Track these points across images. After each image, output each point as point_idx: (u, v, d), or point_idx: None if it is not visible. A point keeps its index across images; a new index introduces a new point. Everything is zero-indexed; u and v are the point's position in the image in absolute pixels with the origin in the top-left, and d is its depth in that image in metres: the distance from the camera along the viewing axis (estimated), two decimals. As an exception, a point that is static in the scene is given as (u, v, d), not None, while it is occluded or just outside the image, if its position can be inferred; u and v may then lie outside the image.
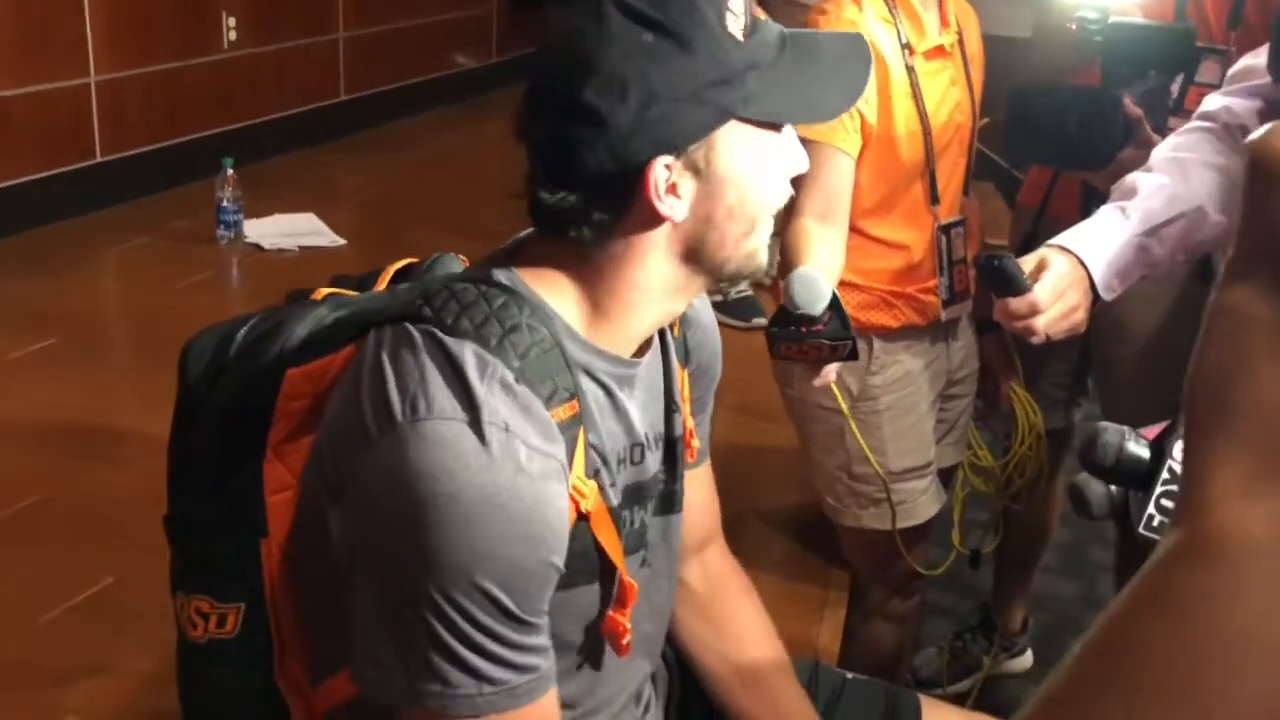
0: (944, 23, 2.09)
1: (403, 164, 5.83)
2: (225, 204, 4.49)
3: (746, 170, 1.15)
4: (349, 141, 5.98)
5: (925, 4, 2.05)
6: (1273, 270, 0.42)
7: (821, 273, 1.72)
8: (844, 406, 2.12)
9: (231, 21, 5.37)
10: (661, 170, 1.10)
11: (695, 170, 1.12)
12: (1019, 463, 2.41)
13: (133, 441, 2.99)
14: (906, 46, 2.02)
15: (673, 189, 1.12)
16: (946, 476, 2.38)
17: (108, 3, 4.76)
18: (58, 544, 2.68)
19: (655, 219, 1.13)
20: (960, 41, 2.11)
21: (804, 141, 1.22)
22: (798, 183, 1.24)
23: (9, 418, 3.20)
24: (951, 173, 2.13)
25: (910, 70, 2.02)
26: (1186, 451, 0.44)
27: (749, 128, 1.14)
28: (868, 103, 1.97)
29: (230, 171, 4.47)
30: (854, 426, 2.15)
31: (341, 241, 4.61)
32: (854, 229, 2.06)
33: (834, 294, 1.72)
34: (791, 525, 2.86)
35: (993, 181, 3.16)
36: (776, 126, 1.17)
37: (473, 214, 4.82)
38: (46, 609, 2.44)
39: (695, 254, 1.17)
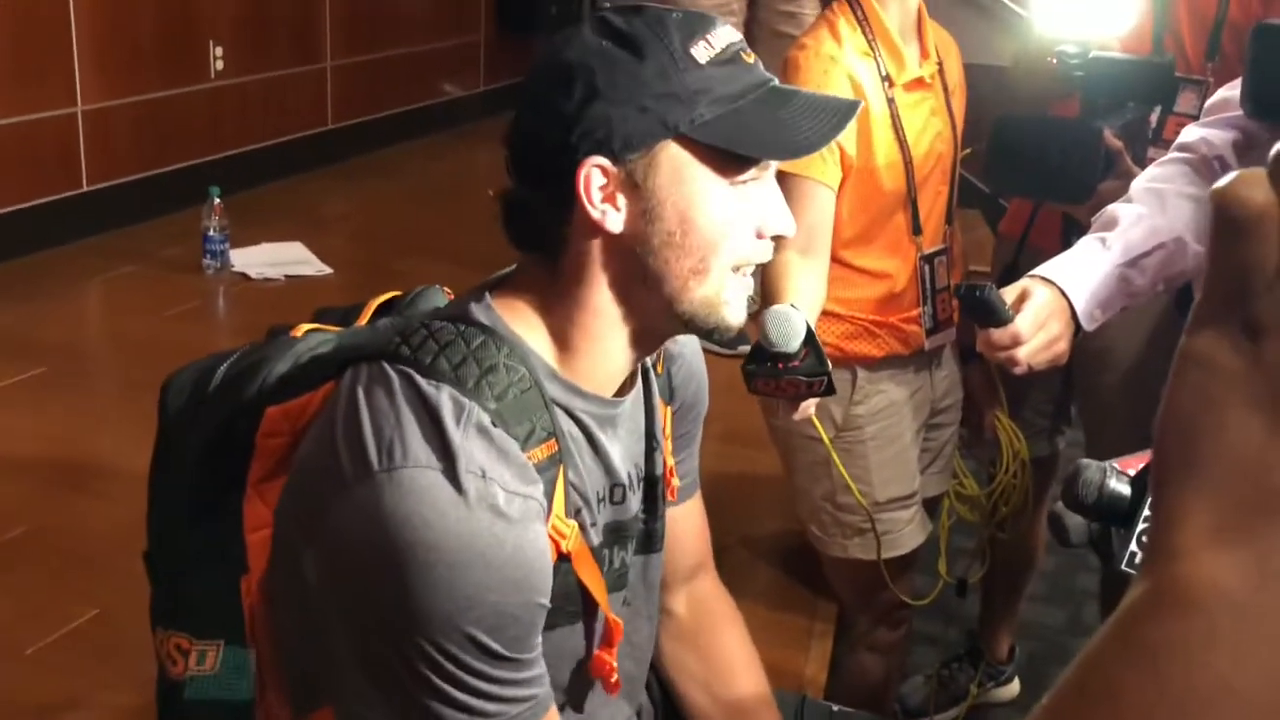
0: (924, 54, 2.10)
1: (390, 192, 5.84)
2: (212, 233, 4.49)
3: (690, 199, 1.12)
4: (337, 170, 5.99)
5: (905, 36, 2.07)
6: (1239, 318, 0.42)
7: (797, 310, 1.73)
8: (826, 438, 2.13)
9: (219, 51, 5.39)
10: (596, 172, 1.11)
11: (634, 184, 1.11)
12: (1004, 491, 2.41)
13: (118, 473, 2.98)
14: (886, 79, 2.03)
15: (611, 198, 1.12)
16: (932, 506, 2.38)
17: (95, 32, 4.77)
18: (43, 575, 2.67)
19: (594, 227, 1.13)
20: (941, 72, 2.13)
21: (784, 175, 1.21)
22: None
23: (-4, 448, 3.19)
24: (934, 202, 2.14)
25: (890, 102, 2.03)
26: (1155, 498, 0.45)
27: (698, 160, 1.12)
28: (847, 134, 1.98)
29: (217, 200, 4.47)
30: (837, 458, 2.15)
31: (328, 270, 4.60)
32: (836, 259, 2.06)
33: (809, 330, 1.73)
34: (778, 555, 2.85)
35: (978, 209, 3.19)
36: (737, 169, 1.14)
37: (461, 242, 4.82)
38: (31, 641, 2.43)
39: (639, 280, 1.15)
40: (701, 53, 1.12)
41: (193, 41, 5.27)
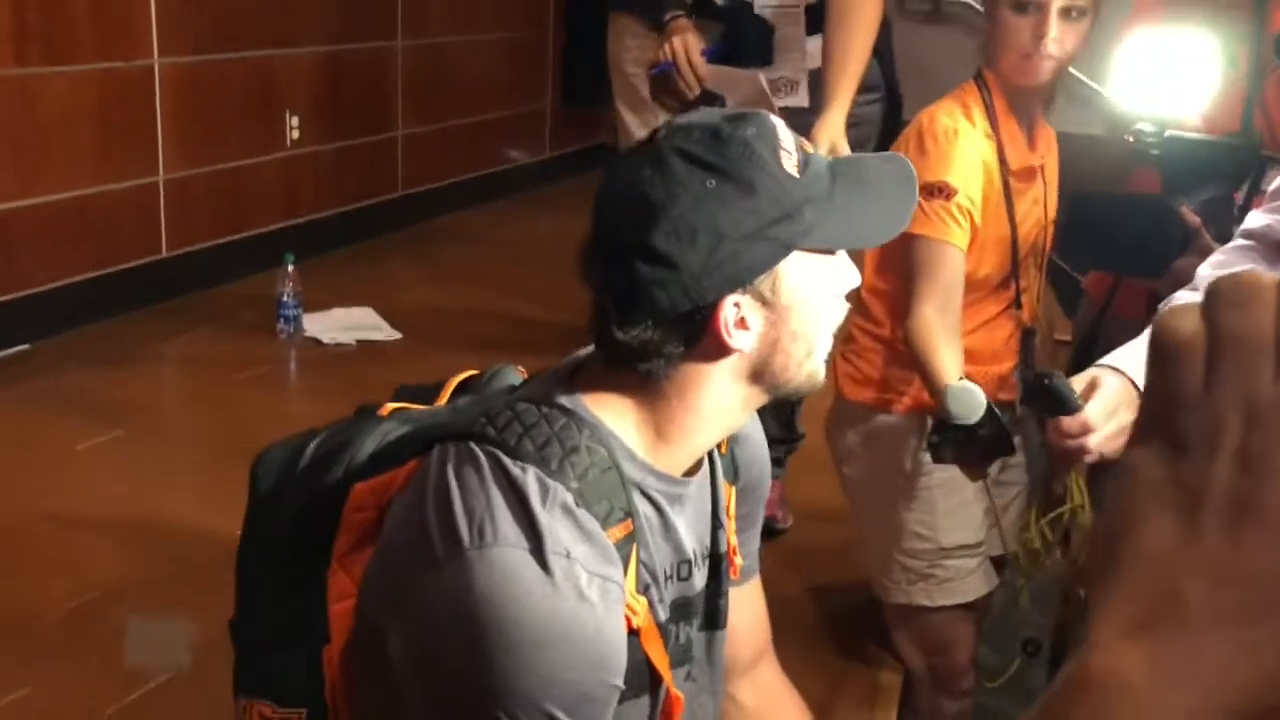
0: (1033, 147, 2.19)
1: (458, 258, 5.91)
2: (286, 298, 4.57)
3: (807, 295, 1.19)
4: (406, 235, 6.08)
5: (1022, 127, 2.17)
6: (1165, 437, 0.47)
7: (973, 384, 1.85)
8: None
9: (295, 120, 5.51)
10: (731, 308, 1.15)
11: (763, 301, 1.17)
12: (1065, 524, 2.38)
13: (197, 533, 3.03)
14: (1004, 162, 2.12)
15: (741, 322, 1.16)
16: (997, 566, 2.38)
17: (179, 105, 4.90)
18: (122, 637, 2.71)
19: (724, 350, 1.17)
20: (1043, 167, 2.22)
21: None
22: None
23: (77, 509, 3.25)
24: (1029, 283, 2.23)
25: (1006, 185, 2.13)
26: (1088, 593, 0.49)
27: (808, 254, 1.18)
28: (974, 204, 2.08)
29: (291, 266, 4.56)
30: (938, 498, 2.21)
31: (398, 335, 4.67)
32: None
33: (988, 401, 1.83)
34: (840, 626, 2.84)
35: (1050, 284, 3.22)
36: (831, 249, 1.21)
37: (526, 309, 4.90)
38: (109, 703, 2.47)
39: (759, 377, 1.21)
40: (789, 163, 1.16)
41: (270, 111, 5.40)
